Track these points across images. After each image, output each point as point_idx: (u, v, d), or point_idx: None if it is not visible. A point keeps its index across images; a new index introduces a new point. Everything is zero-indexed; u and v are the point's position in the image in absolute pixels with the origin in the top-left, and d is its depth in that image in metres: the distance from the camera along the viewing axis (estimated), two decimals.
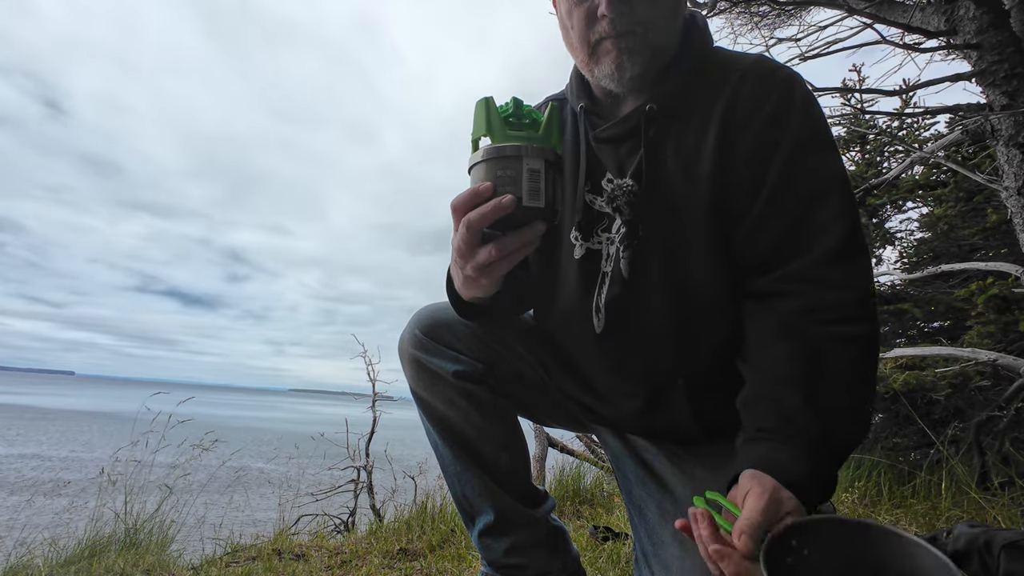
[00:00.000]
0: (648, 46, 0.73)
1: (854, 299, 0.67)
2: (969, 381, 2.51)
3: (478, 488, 0.91)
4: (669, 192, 0.75)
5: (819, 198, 0.69)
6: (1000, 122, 1.91)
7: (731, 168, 0.72)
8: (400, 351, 0.94)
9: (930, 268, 2.97)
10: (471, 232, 0.62)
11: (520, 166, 0.63)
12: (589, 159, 0.82)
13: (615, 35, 0.72)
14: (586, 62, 0.77)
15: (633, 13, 0.71)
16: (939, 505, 1.89)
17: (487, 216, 0.61)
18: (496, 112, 0.65)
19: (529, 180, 0.63)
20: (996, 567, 0.97)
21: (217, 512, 3.03)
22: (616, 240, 0.79)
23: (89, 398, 37.91)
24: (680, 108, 0.76)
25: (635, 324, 0.78)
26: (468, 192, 0.63)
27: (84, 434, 14.09)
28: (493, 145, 0.64)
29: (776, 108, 0.71)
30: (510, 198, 0.61)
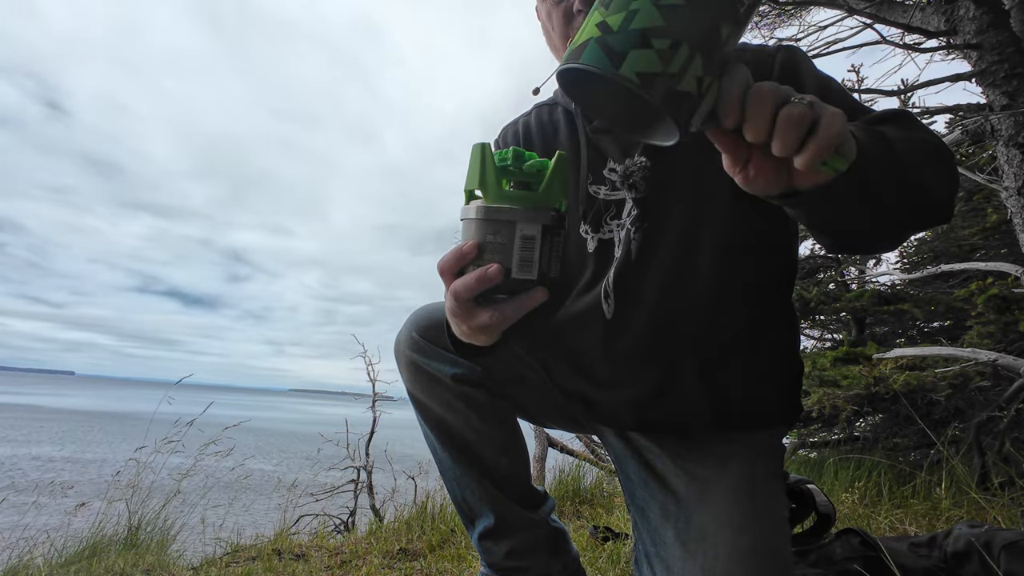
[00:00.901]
0: None
1: (944, 147, 0.61)
2: (969, 381, 2.51)
3: (477, 492, 0.91)
4: (682, 169, 0.76)
5: (868, 110, 0.68)
6: (1000, 122, 1.91)
7: None
8: (396, 354, 0.93)
9: (930, 268, 2.98)
10: (460, 302, 0.57)
11: (513, 232, 0.55)
12: (589, 151, 0.82)
13: None
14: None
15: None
16: (939, 505, 1.89)
17: (472, 288, 0.55)
18: (492, 163, 0.56)
19: (521, 249, 0.55)
20: (996, 567, 0.97)
21: (217, 512, 3.04)
22: (627, 223, 0.79)
23: (90, 398, 37.91)
24: None
25: (645, 302, 0.78)
26: (453, 253, 0.57)
27: (89, 434, 14.10)
28: (485, 205, 0.56)
29: (784, 62, 0.74)
30: (496, 268, 0.54)
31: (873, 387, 2.57)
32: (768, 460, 0.79)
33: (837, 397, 2.69)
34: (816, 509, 0.98)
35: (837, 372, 2.80)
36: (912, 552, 1.06)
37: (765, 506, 0.74)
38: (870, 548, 1.04)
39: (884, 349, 2.74)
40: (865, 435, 3.10)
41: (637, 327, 0.79)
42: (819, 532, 1.05)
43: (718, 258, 0.75)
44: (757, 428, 0.80)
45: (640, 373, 0.81)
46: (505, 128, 0.99)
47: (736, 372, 0.78)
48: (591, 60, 0.43)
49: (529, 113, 0.97)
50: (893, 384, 2.51)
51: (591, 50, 0.43)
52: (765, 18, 3.24)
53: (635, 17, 0.43)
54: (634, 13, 0.43)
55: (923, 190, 0.55)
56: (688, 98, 0.43)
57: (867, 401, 2.73)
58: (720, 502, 0.73)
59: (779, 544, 0.71)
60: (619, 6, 0.44)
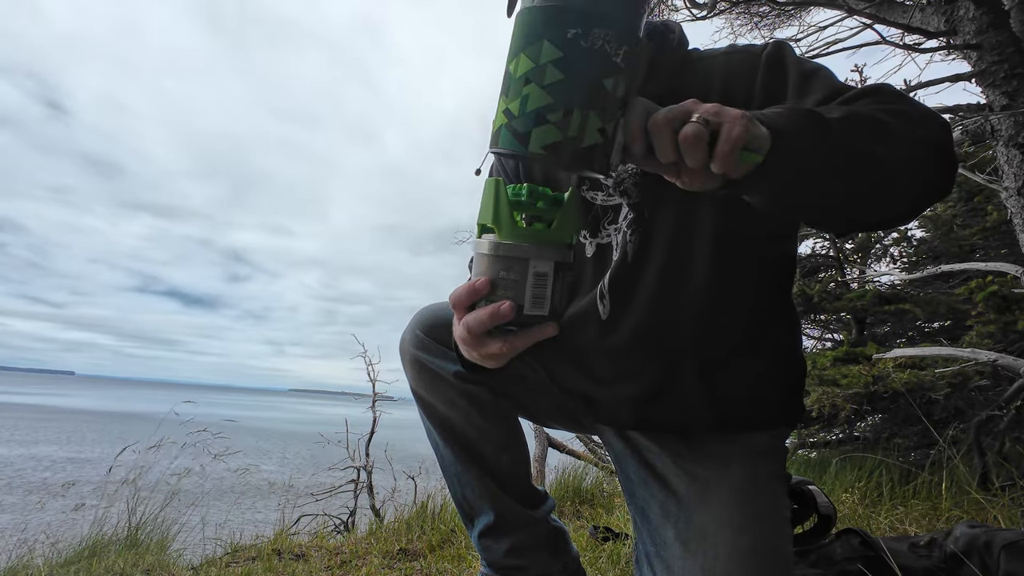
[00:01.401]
0: None
1: (928, 112, 0.61)
2: (969, 381, 2.51)
3: (478, 489, 0.91)
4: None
5: (850, 89, 0.68)
6: (1000, 122, 1.91)
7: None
8: (401, 351, 0.94)
9: (930, 268, 2.98)
10: (472, 335, 0.58)
11: (526, 269, 0.56)
12: None
13: None
14: None
15: None
16: (939, 505, 1.89)
17: (484, 324, 0.56)
18: (505, 199, 0.57)
19: (534, 286, 0.56)
20: (996, 567, 0.97)
21: (217, 512, 3.04)
22: (623, 227, 0.80)
23: (91, 398, 37.91)
24: (670, 98, 0.78)
25: (641, 303, 0.79)
26: (466, 288, 0.57)
27: (91, 433, 14.09)
28: (498, 241, 0.56)
29: (771, 57, 0.75)
30: (509, 305, 0.55)
31: (873, 386, 2.57)
32: (770, 461, 0.79)
33: (836, 396, 2.69)
34: (817, 510, 0.98)
35: (837, 371, 2.80)
36: (912, 552, 1.06)
37: (766, 507, 0.74)
38: (870, 548, 1.04)
39: (884, 349, 2.74)
40: (865, 435, 3.10)
41: (633, 326, 0.80)
42: (820, 533, 1.05)
43: (714, 258, 0.76)
44: (758, 429, 0.80)
45: (639, 371, 0.81)
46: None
47: (736, 373, 0.78)
48: (505, 145, 0.51)
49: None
50: (893, 384, 2.51)
51: (503, 136, 0.51)
52: (765, 19, 3.24)
53: (528, 100, 0.49)
54: (527, 97, 0.49)
55: (872, 159, 0.54)
56: (596, 148, 0.50)
57: (866, 400, 2.73)
58: (721, 502, 0.72)
59: (780, 545, 0.71)
60: (515, 93, 0.50)
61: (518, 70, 0.50)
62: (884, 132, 0.56)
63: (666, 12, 2.95)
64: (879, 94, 0.63)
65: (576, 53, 0.49)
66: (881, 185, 0.57)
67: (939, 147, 0.59)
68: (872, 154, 0.54)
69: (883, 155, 0.55)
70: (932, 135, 0.59)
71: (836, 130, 0.53)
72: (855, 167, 0.54)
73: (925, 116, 0.61)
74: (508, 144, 0.50)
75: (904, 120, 0.58)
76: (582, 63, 0.49)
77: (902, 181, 0.58)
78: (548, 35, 0.49)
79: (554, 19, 0.49)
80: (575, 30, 0.48)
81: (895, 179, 0.57)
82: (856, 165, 0.54)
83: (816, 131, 0.52)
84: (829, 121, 0.53)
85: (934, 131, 0.60)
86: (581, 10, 0.49)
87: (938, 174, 0.60)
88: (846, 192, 0.56)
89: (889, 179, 0.57)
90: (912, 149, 0.57)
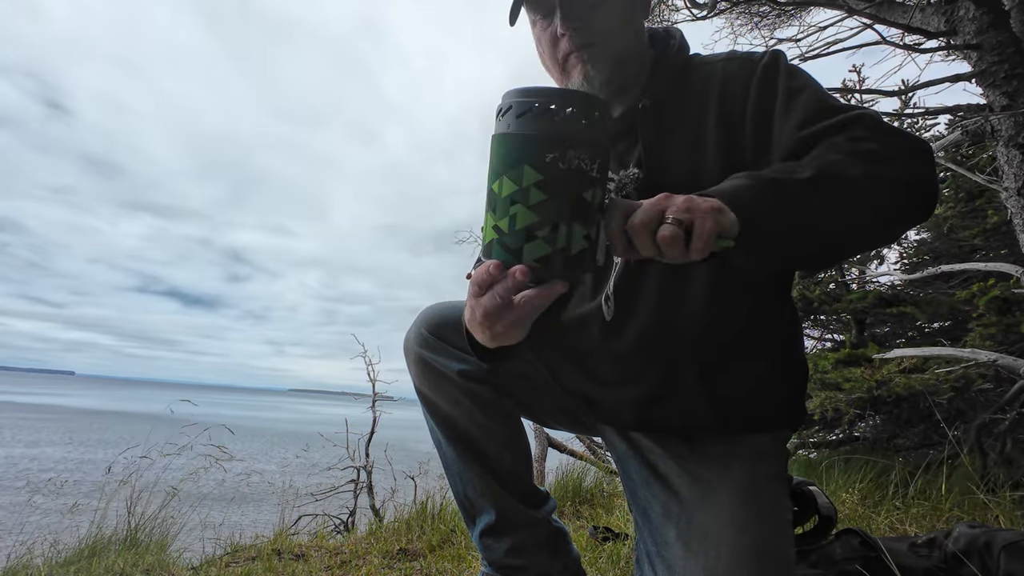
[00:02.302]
0: (609, 54, 0.80)
1: (903, 144, 0.63)
2: (970, 382, 2.51)
3: (480, 487, 0.92)
4: (676, 174, 0.77)
5: (832, 111, 0.69)
6: (1000, 123, 1.91)
7: (737, 142, 0.76)
8: (406, 350, 0.95)
9: (930, 269, 2.97)
10: (496, 301, 0.55)
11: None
12: None
13: (576, 49, 0.79)
14: (560, 79, 0.84)
15: (586, 27, 0.78)
16: (940, 506, 1.89)
17: (500, 290, 0.55)
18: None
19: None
20: (996, 568, 0.97)
21: (217, 512, 3.04)
22: None
23: (91, 398, 37.93)
24: (671, 104, 0.81)
25: (643, 306, 0.79)
26: (483, 268, 0.56)
27: (91, 434, 14.09)
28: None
29: (765, 69, 0.77)
30: (523, 269, 0.54)
31: (875, 390, 2.57)
32: (771, 462, 0.79)
33: (839, 400, 2.68)
34: (818, 511, 0.98)
35: (839, 375, 2.80)
36: (912, 552, 1.05)
37: (768, 507, 0.74)
38: (870, 548, 1.04)
39: (885, 350, 2.74)
40: (866, 436, 3.10)
41: (638, 331, 0.80)
42: (821, 533, 1.05)
43: (710, 264, 0.76)
44: (760, 430, 0.80)
45: (641, 373, 0.82)
46: None
47: (737, 375, 0.79)
48: (499, 258, 0.54)
49: None
50: (896, 388, 2.51)
51: (496, 250, 0.54)
52: (765, 19, 3.24)
53: (516, 219, 0.53)
54: (515, 216, 0.53)
55: (838, 221, 0.60)
56: (583, 253, 0.54)
57: (869, 404, 2.73)
58: (723, 503, 0.72)
59: (781, 545, 0.71)
60: (503, 212, 0.53)
61: (502, 191, 0.53)
62: (851, 191, 0.60)
63: (666, 12, 2.96)
64: (855, 126, 0.66)
65: (556, 175, 0.52)
66: (851, 236, 0.63)
67: (912, 183, 0.62)
68: (839, 218, 0.60)
69: (850, 214, 0.60)
70: (905, 172, 0.62)
71: (802, 200, 0.58)
72: (823, 231, 0.60)
73: (900, 151, 0.63)
74: (501, 257, 0.54)
75: (876, 163, 0.61)
76: (562, 184, 0.52)
77: (873, 229, 0.64)
78: (528, 160, 0.52)
79: (532, 145, 0.52)
80: (552, 154, 0.51)
81: (866, 230, 0.63)
82: (824, 228, 0.60)
83: (782, 207, 0.57)
84: (794, 194, 0.58)
85: (907, 167, 0.62)
86: (557, 136, 0.52)
87: (912, 209, 0.64)
88: (818, 250, 0.63)
89: (859, 230, 0.62)
90: (881, 197, 0.61)
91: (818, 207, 0.58)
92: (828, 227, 0.60)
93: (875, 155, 0.62)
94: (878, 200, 0.61)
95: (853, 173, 0.60)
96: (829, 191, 0.59)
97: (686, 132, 0.79)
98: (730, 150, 0.76)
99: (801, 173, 0.59)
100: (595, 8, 0.78)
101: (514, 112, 0.53)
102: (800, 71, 0.77)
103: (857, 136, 0.64)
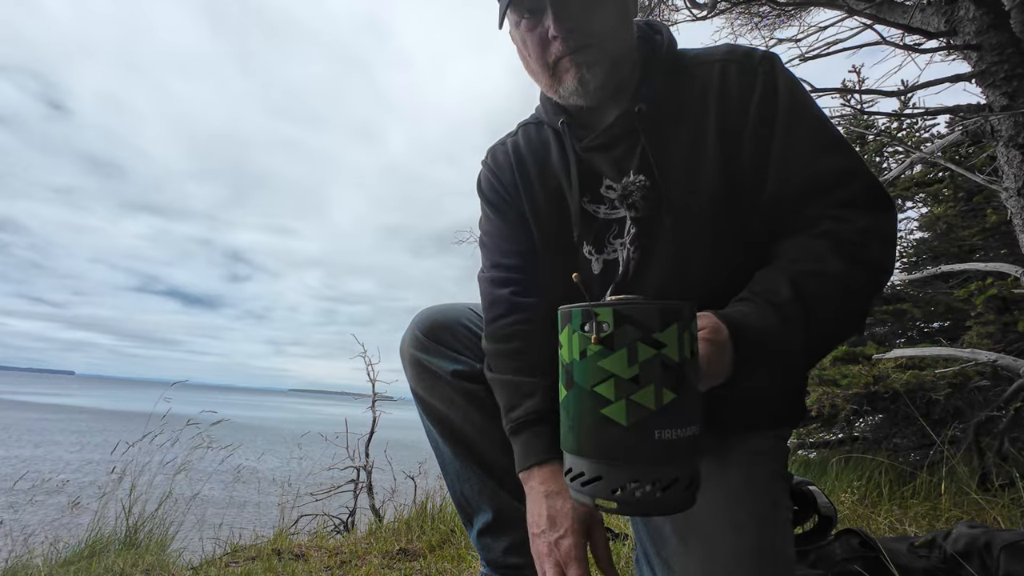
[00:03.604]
0: (605, 56, 0.76)
1: (873, 234, 0.68)
2: (969, 381, 2.51)
3: (477, 487, 0.92)
4: (678, 181, 0.76)
5: (827, 151, 0.72)
6: (1000, 123, 1.91)
7: (737, 156, 0.74)
8: (401, 352, 0.95)
9: (930, 268, 2.97)
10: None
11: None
12: (581, 169, 0.83)
13: (570, 52, 0.75)
14: (550, 84, 0.80)
15: (582, 28, 0.74)
16: (939, 506, 1.89)
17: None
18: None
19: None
20: (996, 568, 0.97)
21: (216, 512, 3.03)
22: (628, 243, 0.79)
23: (92, 397, 37.91)
24: (667, 107, 0.79)
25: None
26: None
27: (94, 432, 14.06)
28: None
29: (765, 88, 0.75)
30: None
31: (873, 386, 2.57)
32: (771, 460, 0.79)
33: (836, 396, 2.69)
34: (817, 511, 0.98)
35: (836, 371, 2.80)
36: (912, 553, 1.06)
37: (767, 506, 0.74)
38: (870, 549, 1.04)
39: (884, 349, 2.74)
40: (865, 435, 3.10)
41: None
42: (821, 533, 1.05)
43: (713, 273, 0.76)
44: (759, 429, 0.80)
45: None
46: (493, 148, 0.97)
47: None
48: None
49: (515, 133, 0.95)
50: (893, 383, 2.51)
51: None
52: (765, 19, 3.24)
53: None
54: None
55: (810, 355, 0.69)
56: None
57: (866, 400, 2.73)
58: (721, 502, 0.72)
59: (780, 545, 0.71)
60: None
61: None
62: (835, 331, 0.69)
63: (666, 12, 2.95)
64: (839, 218, 0.70)
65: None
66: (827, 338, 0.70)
67: (879, 282, 0.70)
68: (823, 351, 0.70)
69: (834, 343, 0.71)
70: (874, 281, 0.69)
71: (780, 338, 0.64)
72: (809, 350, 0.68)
73: (876, 245, 0.69)
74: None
75: (852, 292, 0.67)
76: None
77: (848, 325, 0.70)
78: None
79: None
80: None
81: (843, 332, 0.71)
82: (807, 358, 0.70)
83: (768, 352, 0.63)
84: (767, 344, 0.63)
85: (878, 271, 0.69)
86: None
87: (884, 277, 0.71)
88: (810, 361, 0.72)
89: (835, 336, 0.71)
90: (858, 304, 0.69)
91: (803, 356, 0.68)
92: (810, 358, 0.70)
93: (852, 285, 0.67)
94: (859, 308, 0.70)
95: (837, 314, 0.67)
96: (818, 346, 0.68)
97: (685, 137, 0.77)
98: (729, 162, 0.75)
99: (792, 338, 0.64)
100: (590, 8, 0.74)
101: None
102: (796, 92, 0.75)
103: (839, 248, 0.68)
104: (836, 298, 0.66)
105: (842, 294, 0.67)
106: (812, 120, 0.74)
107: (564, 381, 0.53)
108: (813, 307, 0.65)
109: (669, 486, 0.48)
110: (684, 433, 0.49)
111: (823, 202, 0.71)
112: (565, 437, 0.53)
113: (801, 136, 0.73)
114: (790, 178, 0.72)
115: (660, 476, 0.48)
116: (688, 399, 0.49)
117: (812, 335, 0.65)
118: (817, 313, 0.65)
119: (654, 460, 0.48)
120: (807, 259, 0.68)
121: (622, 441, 0.48)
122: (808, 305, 0.65)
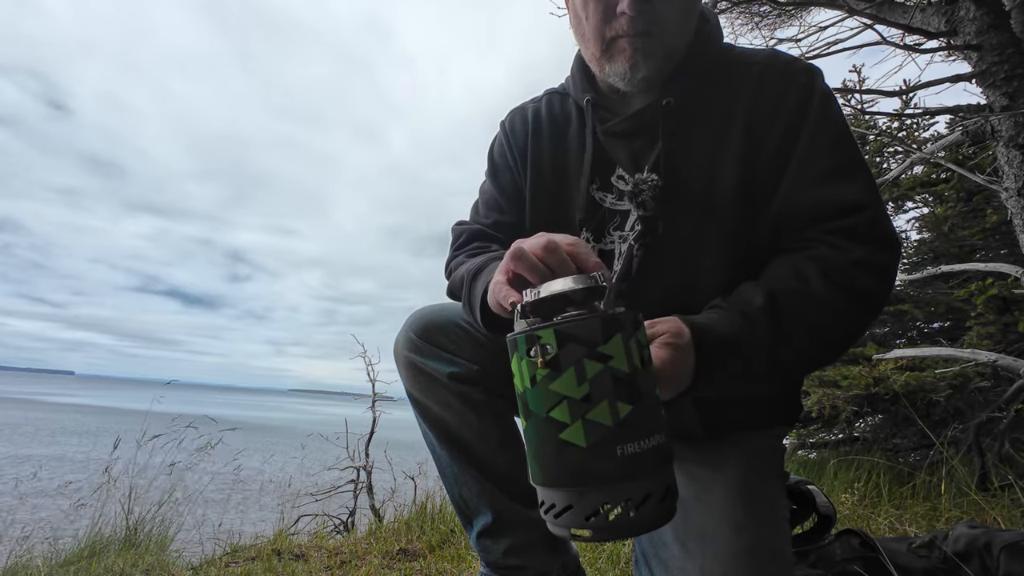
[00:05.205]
0: (663, 47, 0.74)
1: (866, 266, 0.67)
2: (969, 382, 2.51)
3: (475, 489, 0.91)
4: (691, 187, 0.75)
5: (843, 178, 0.71)
6: (1000, 123, 1.91)
7: (757, 163, 0.73)
8: (395, 354, 0.94)
9: (930, 269, 2.97)
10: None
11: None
12: (597, 154, 0.81)
13: (632, 34, 0.72)
14: (598, 57, 0.77)
15: (652, 12, 0.71)
16: (939, 506, 1.89)
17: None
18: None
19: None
20: (996, 568, 0.97)
21: (216, 512, 3.04)
22: (629, 238, 0.78)
23: (92, 397, 37.91)
24: (697, 104, 0.77)
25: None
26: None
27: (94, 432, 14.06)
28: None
29: (798, 99, 0.73)
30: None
31: (873, 388, 2.57)
32: (768, 460, 0.79)
33: (837, 397, 2.69)
34: (817, 510, 0.98)
35: (837, 372, 2.80)
36: (911, 553, 1.05)
37: (764, 506, 0.74)
38: (869, 549, 1.04)
39: (884, 349, 2.74)
40: (865, 436, 3.10)
41: None
42: (820, 533, 1.05)
43: (719, 277, 0.75)
44: (756, 429, 0.80)
45: None
46: (513, 112, 0.97)
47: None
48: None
49: (539, 99, 0.94)
50: (893, 384, 2.51)
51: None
52: (765, 19, 3.24)
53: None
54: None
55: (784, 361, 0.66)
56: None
57: (867, 401, 2.73)
58: (718, 502, 0.72)
59: (778, 544, 0.71)
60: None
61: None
62: (818, 355, 0.69)
63: None
64: (841, 257, 0.68)
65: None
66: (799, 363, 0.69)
67: (870, 315, 0.69)
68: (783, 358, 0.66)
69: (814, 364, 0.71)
70: (863, 314, 0.68)
71: (749, 351, 0.63)
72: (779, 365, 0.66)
73: (871, 278, 0.67)
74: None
75: (843, 294, 0.66)
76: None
77: (825, 349, 0.69)
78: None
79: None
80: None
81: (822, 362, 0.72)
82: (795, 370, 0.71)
83: (739, 362, 0.63)
84: (741, 350, 0.63)
85: (869, 303, 0.68)
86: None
87: (872, 311, 0.69)
88: (785, 375, 0.68)
89: (810, 360, 0.70)
90: (836, 331, 0.67)
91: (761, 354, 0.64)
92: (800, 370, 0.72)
93: (832, 309, 0.66)
94: (832, 351, 0.70)
95: (812, 335, 0.66)
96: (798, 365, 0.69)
97: (708, 138, 0.75)
98: (749, 168, 0.73)
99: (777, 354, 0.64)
100: None
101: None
102: (829, 111, 0.73)
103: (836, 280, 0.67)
104: (812, 318, 0.65)
105: (819, 316, 0.65)
106: (837, 142, 0.72)
107: (522, 412, 0.51)
108: (784, 321, 0.63)
109: (643, 502, 0.47)
110: (648, 444, 0.47)
111: (824, 227, 0.70)
112: (532, 470, 0.52)
113: (821, 157, 0.71)
114: (799, 198, 0.71)
115: (632, 494, 0.46)
116: (646, 409, 0.47)
117: (781, 348, 0.64)
118: (787, 327, 0.63)
119: (621, 477, 0.46)
120: (790, 277, 0.67)
121: (585, 463, 0.46)
122: (780, 319, 0.63)
